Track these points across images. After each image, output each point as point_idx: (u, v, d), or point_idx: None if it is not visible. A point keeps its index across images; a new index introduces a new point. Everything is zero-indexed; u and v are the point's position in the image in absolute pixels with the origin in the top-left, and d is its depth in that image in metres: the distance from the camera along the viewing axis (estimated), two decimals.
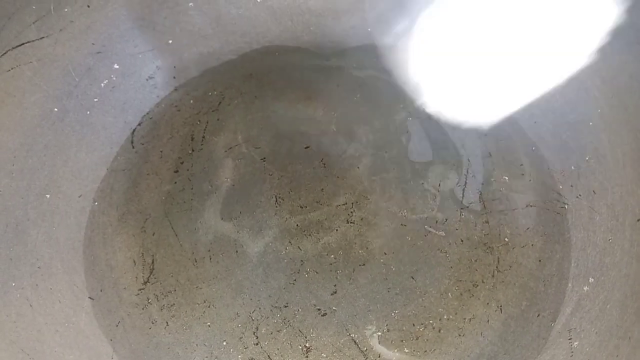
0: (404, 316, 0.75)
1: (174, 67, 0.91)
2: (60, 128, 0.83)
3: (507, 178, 0.83)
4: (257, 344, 0.74)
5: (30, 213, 0.78)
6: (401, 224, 0.80)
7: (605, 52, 0.81)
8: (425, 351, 0.73)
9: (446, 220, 0.81)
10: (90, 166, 0.84)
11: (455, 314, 0.75)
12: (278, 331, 0.75)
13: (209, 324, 0.75)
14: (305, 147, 0.86)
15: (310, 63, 0.93)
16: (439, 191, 0.83)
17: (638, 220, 0.76)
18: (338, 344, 0.74)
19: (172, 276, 0.78)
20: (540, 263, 0.78)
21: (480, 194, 0.82)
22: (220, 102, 0.90)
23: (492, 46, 0.74)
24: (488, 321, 0.75)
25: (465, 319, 0.75)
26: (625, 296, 0.73)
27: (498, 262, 0.78)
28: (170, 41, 0.91)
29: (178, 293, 0.77)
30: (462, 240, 0.79)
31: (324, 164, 0.85)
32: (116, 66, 0.88)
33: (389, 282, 0.77)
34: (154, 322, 0.75)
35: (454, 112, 0.80)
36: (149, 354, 0.73)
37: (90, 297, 0.76)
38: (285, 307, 0.76)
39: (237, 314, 0.75)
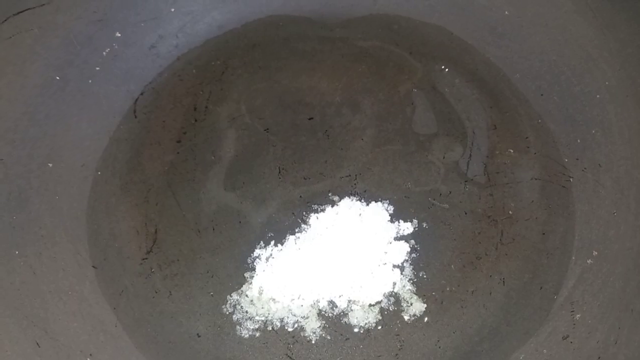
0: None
1: (177, 36, 0.90)
2: (61, 97, 0.82)
3: (512, 151, 0.83)
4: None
5: (33, 182, 0.78)
6: (405, 196, 0.80)
7: (612, 24, 0.80)
8: (428, 322, 0.73)
9: (450, 192, 0.80)
10: (92, 135, 0.83)
11: (458, 285, 0.75)
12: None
13: (211, 293, 0.75)
14: (309, 118, 0.85)
15: (315, 33, 0.92)
16: (443, 163, 0.82)
17: None
18: None
19: (175, 246, 0.78)
20: (544, 236, 0.78)
21: (485, 167, 0.82)
22: (223, 72, 0.89)
23: None
24: (491, 293, 0.75)
25: (468, 291, 0.75)
26: (628, 269, 0.73)
27: (502, 234, 0.78)
28: (173, 9, 0.90)
29: (181, 263, 0.77)
30: (465, 213, 0.79)
31: (328, 135, 0.84)
32: (118, 34, 0.87)
33: None
34: (157, 291, 0.75)
35: None
36: (152, 323, 0.74)
37: (93, 266, 0.76)
38: None
39: (240, 283, 0.75)
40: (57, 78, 0.82)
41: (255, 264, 0.76)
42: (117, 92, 0.86)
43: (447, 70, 0.88)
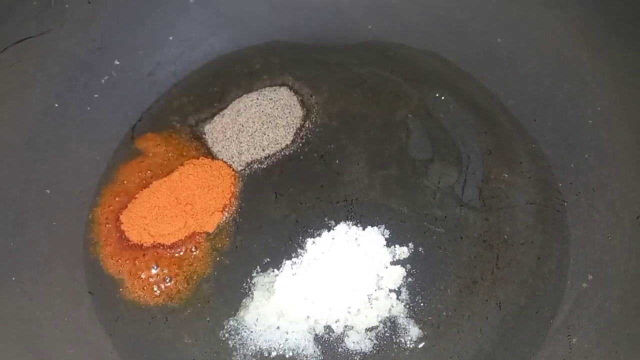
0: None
1: (175, 63, 0.92)
2: (61, 123, 0.83)
3: (506, 175, 0.83)
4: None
5: (30, 207, 0.78)
6: (401, 221, 0.80)
7: (605, 48, 0.81)
8: (424, 347, 0.73)
9: (446, 217, 0.81)
10: (90, 161, 0.84)
11: (455, 310, 0.75)
12: None
13: (208, 319, 0.75)
14: (306, 143, 0.86)
15: (311, 59, 0.93)
16: (438, 188, 0.83)
17: (637, 217, 0.76)
18: None
19: None
20: (540, 260, 0.78)
21: (480, 191, 0.82)
22: (220, 98, 0.90)
23: None
24: (487, 318, 0.75)
25: (464, 315, 0.75)
26: (624, 293, 0.73)
27: (497, 259, 0.78)
28: (171, 37, 0.91)
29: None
30: (461, 237, 0.79)
31: (324, 160, 0.85)
32: (117, 62, 0.88)
33: None
34: (153, 317, 0.75)
35: None
36: (149, 349, 0.74)
37: (90, 292, 0.77)
38: None
39: (237, 309, 0.75)
40: (57, 105, 0.83)
41: (251, 289, 0.76)
42: (115, 118, 0.87)
43: (442, 97, 0.89)
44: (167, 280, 0.76)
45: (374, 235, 0.78)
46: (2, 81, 0.79)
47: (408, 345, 0.73)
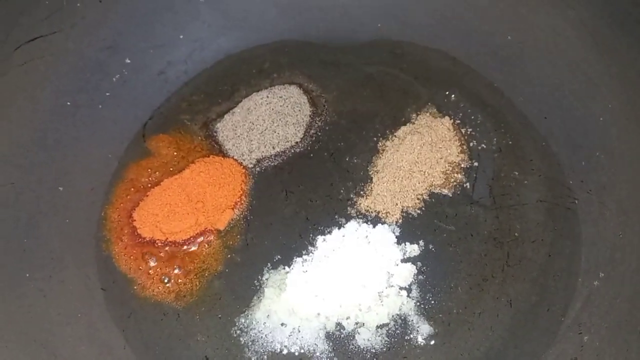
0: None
1: (185, 62, 0.92)
2: (72, 122, 0.84)
3: (517, 173, 0.83)
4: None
5: (42, 206, 0.79)
6: (411, 218, 0.80)
7: (613, 49, 0.81)
8: (435, 345, 0.73)
9: (456, 214, 0.81)
10: (101, 160, 0.84)
11: (465, 308, 0.75)
12: None
13: (220, 316, 0.75)
14: (315, 141, 0.86)
15: (320, 58, 0.94)
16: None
17: None
18: None
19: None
20: (550, 258, 0.78)
21: (491, 189, 0.82)
22: (230, 96, 0.90)
23: None
24: (498, 315, 0.75)
25: (475, 313, 0.75)
26: (636, 291, 0.73)
27: (508, 256, 0.78)
28: (181, 36, 0.92)
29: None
30: (471, 235, 0.79)
31: (334, 159, 0.85)
32: (127, 61, 0.88)
33: None
34: (165, 313, 0.75)
35: None
36: (161, 345, 0.74)
37: (102, 289, 0.77)
38: None
39: (248, 306, 0.76)
40: (68, 104, 0.84)
41: (262, 286, 0.76)
42: (126, 117, 0.88)
43: (452, 96, 0.89)
44: (179, 277, 0.77)
45: (385, 233, 0.79)
46: (13, 80, 0.79)
47: (419, 343, 0.73)
